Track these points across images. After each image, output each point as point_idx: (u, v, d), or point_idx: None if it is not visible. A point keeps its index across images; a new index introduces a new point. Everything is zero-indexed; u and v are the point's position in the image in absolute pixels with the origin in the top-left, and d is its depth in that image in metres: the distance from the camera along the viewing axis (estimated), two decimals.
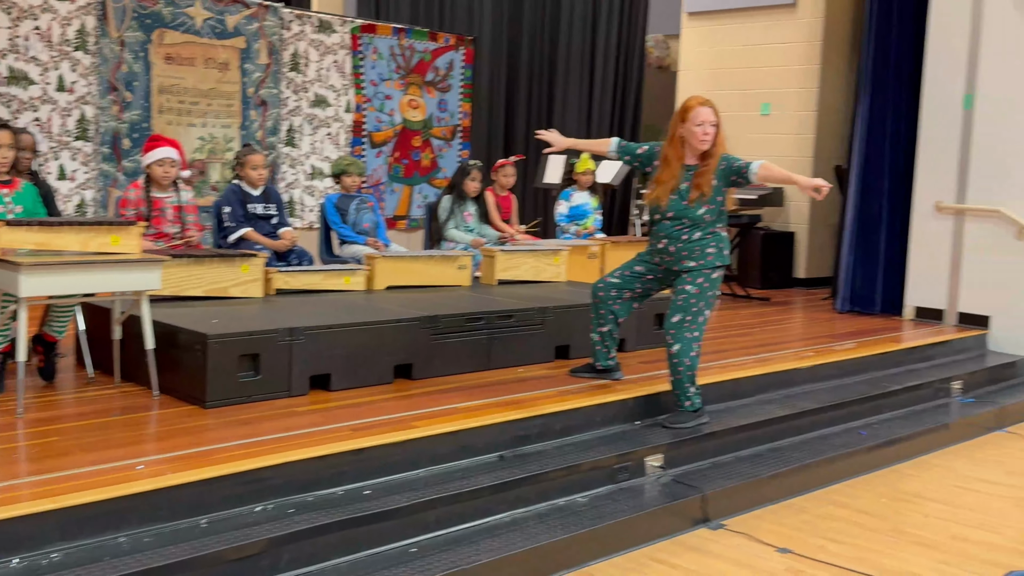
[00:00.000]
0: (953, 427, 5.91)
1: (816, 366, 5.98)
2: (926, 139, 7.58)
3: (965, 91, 7.34)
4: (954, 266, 7.50)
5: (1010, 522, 4.59)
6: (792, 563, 4.00)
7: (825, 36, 9.25)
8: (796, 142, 9.42)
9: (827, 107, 9.37)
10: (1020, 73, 7.04)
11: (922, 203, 7.62)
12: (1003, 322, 7.26)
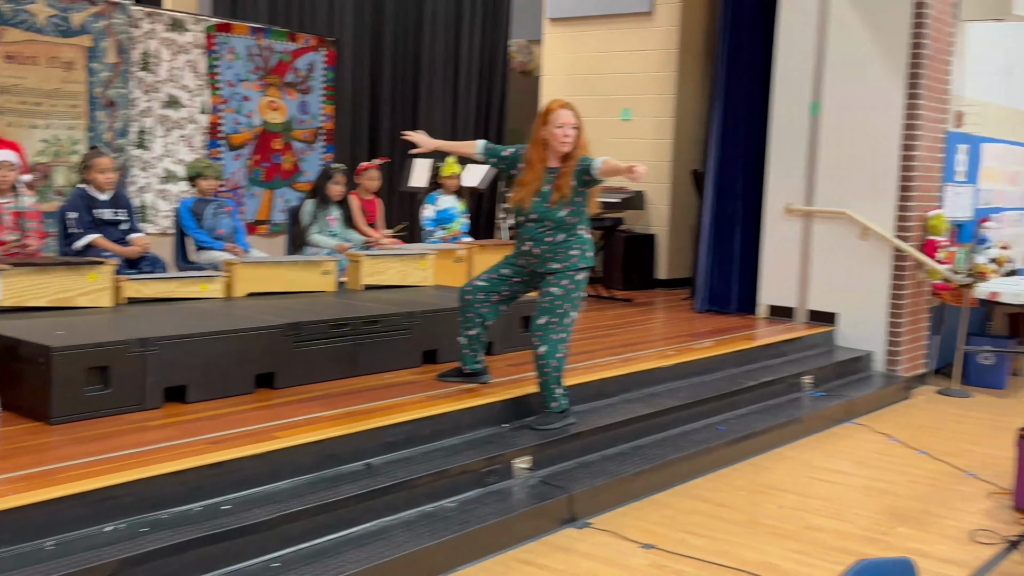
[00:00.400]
0: (805, 420, 6.17)
1: (677, 365, 6.14)
2: (776, 144, 7.90)
3: (812, 98, 7.69)
4: (804, 266, 7.84)
5: (859, 510, 4.82)
6: (656, 558, 4.08)
7: (681, 44, 9.53)
8: (655, 147, 9.67)
9: (684, 113, 9.65)
10: (862, 81, 7.42)
11: (773, 206, 7.93)
12: (849, 318, 7.63)
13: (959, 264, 7.56)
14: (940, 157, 7.61)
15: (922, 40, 7.15)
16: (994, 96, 8.65)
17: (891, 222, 7.38)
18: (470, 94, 10.58)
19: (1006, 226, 8.81)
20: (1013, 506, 4.90)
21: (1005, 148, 8.77)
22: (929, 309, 7.77)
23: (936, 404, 7.25)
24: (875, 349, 7.51)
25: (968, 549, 4.35)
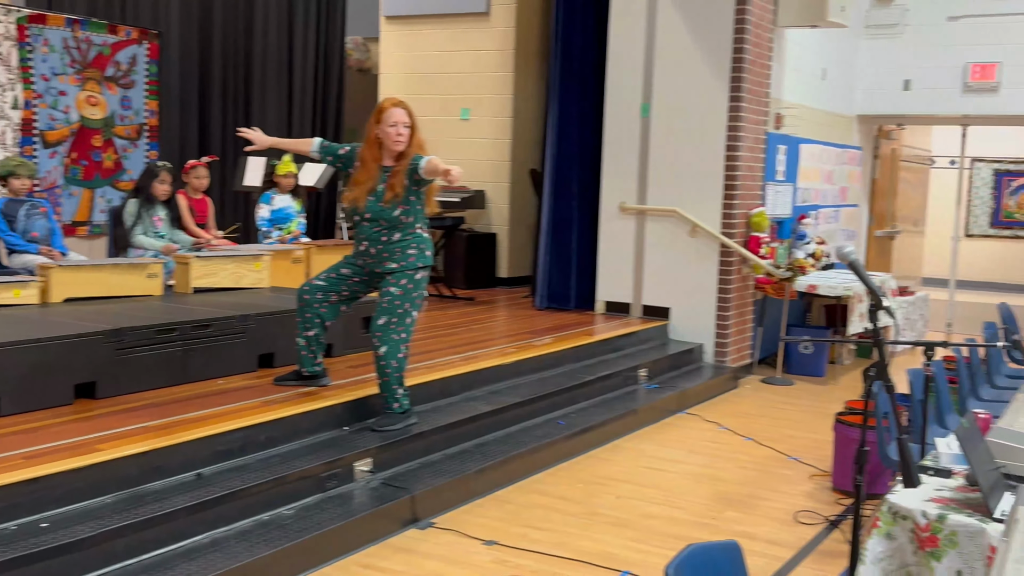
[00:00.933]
0: (641, 412, 6.36)
1: (518, 362, 6.20)
2: (610, 145, 8.10)
3: (642, 100, 7.93)
4: (638, 263, 8.08)
5: (691, 497, 5.00)
6: (498, 554, 4.10)
7: (517, 45, 9.64)
8: (494, 146, 9.74)
9: (522, 113, 9.76)
10: (689, 84, 7.71)
11: (608, 204, 8.14)
12: (681, 312, 7.92)
13: (780, 259, 7.97)
14: (761, 157, 8.00)
15: (743, 45, 7.49)
16: (810, 99, 9.16)
17: (718, 219, 7.70)
18: (306, 91, 10.35)
19: (822, 222, 9.36)
20: (832, 487, 5.20)
21: (821, 148, 9.31)
22: (753, 302, 8.16)
23: (761, 392, 7.62)
24: (705, 341, 7.82)
25: (792, 530, 4.58)
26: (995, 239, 15.10)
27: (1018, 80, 9.66)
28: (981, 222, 15.23)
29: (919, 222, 12.55)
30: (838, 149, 9.77)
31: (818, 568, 4.11)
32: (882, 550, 2.86)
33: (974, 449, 2.83)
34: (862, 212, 10.68)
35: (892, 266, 11.17)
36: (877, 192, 10.90)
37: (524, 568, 3.95)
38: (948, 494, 2.91)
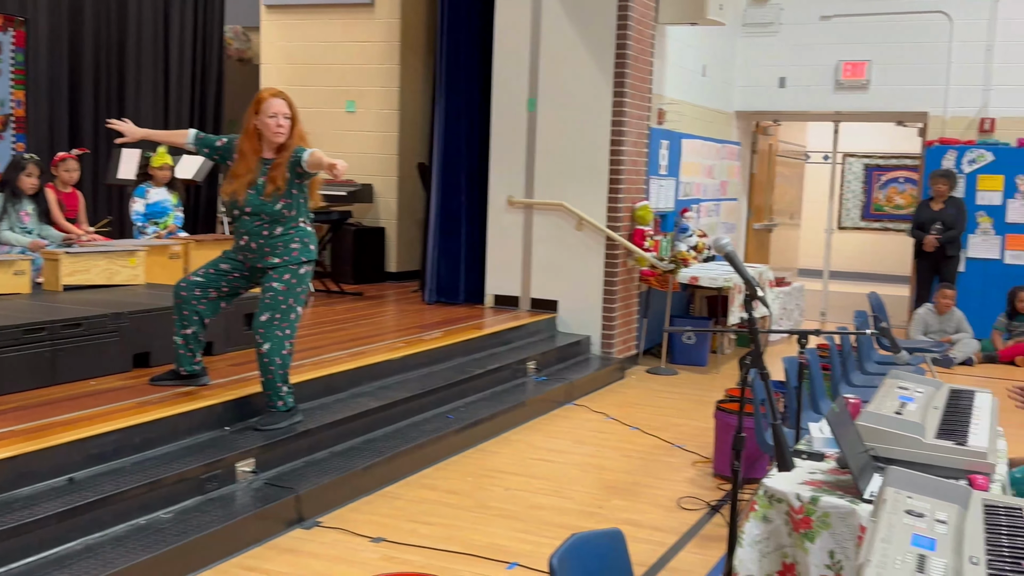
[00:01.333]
0: (529, 404, 6.40)
1: (407, 356, 6.15)
2: (497, 139, 8.11)
3: (529, 94, 7.97)
4: (526, 256, 8.12)
5: (578, 487, 5.06)
6: (386, 551, 4.06)
7: (402, 37, 9.56)
8: (381, 139, 9.64)
9: (409, 106, 9.69)
10: (574, 79, 7.79)
11: (496, 198, 8.15)
12: (568, 305, 8.00)
13: (663, 252, 8.13)
14: (645, 152, 8.15)
15: (626, 41, 7.61)
16: (691, 95, 9.38)
17: (603, 213, 7.80)
18: (183, 82, 10.02)
19: (704, 216, 9.60)
20: (714, 473, 5.34)
21: (702, 144, 9.54)
22: (638, 294, 8.31)
23: (646, 382, 7.77)
24: (592, 333, 7.92)
25: (676, 515, 4.68)
26: (866, 231, 15.79)
27: (886, 78, 10.11)
28: (853, 215, 15.89)
29: (795, 215, 13.01)
30: (718, 144, 10.03)
31: (700, 552, 4.21)
32: (759, 533, 2.95)
33: (844, 433, 2.94)
34: (741, 206, 11.00)
35: (770, 258, 11.55)
36: (755, 186, 11.24)
37: (412, 564, 3.93)
38: (821, 477, 3.02)
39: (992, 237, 9.64)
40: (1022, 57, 9.55)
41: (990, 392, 3.79)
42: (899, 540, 2.09)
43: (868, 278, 14.47)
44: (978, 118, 9.76)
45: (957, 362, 8.77)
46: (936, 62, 9.88)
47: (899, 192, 15.52)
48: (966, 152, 9.67)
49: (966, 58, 9.76)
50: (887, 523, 2.19)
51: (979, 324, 9.24)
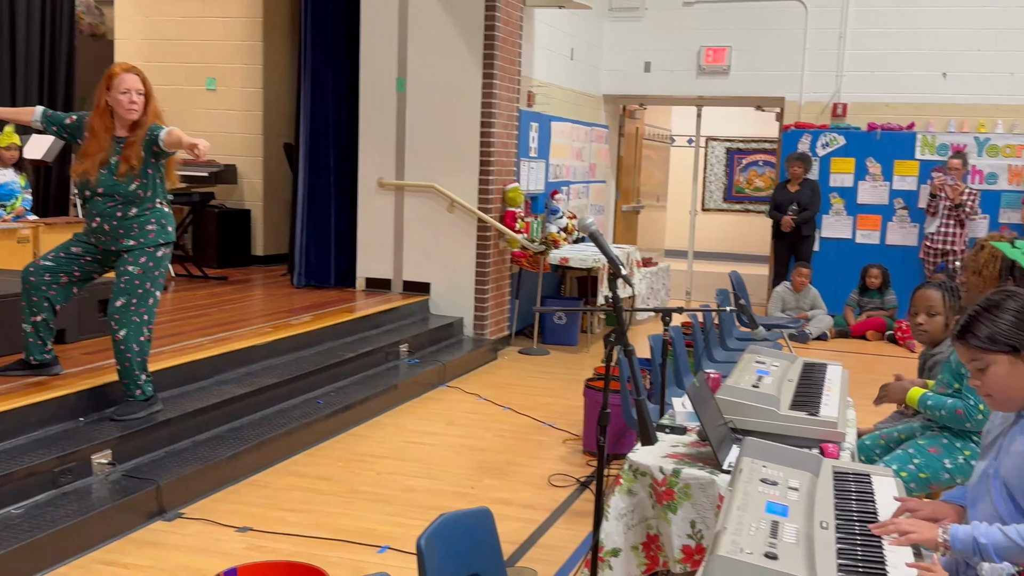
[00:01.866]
0: (402, 387, 6.36)
1: (274, 341, 6.01)
2: (366, 119, 8.00)
3: (398, 74, 7.88)
4: (398, 238, 8.05)
5: (450, 468, 5.06)
6: (253, 540, 3.97)
7: (265, 13, 9.29)
8: (245, 119, 9.36)
9: (274, 85, 9.43)
10: (443, 60, 7.74)
11: (366, 180, 8.04)
12: (441, 287, 7.98)
13: (534, 233, 8.21)
14: (515, 134, 8.18)
15: (495, 23, 7.61)
16: (559, 78, 9.47)
17: (475, 195, 7.81)
18: (31, 58, 9.47)
19: (573, 198, 9.73)
20: (583, 449, 5.43)
21: (571, 126, 9.65)
22: (510, 276, 8.36)
23: (519, 363, 7.83)
24: (465, 315, 7.93)
25: (547, 493, 4.74)
26: (728, 213, 16.33)
27: (746, 64, 10.45)
28: (716, 197, 16.41)
29: (661, 197, 13.34)
30: (587, 127, 10.17)
31: (569, 528, 4.28)
32: (624, 506, 3.01)
33: (704, 407, 3.03)
34: (610, 188, 11.20)
35: (638, 239, 11.82)
36: (623, 169, 11.46)
37: (280, 552, 3.85)
38: (683, 450, 3.11)
39: (844, 218, 10.12)
40: (872, 45, 10.03)
41: (841, 365, 3.98)
42: (754, 508, 2.16)
43: (731, 258, 14.99)
44: (831, 103, 10.21)
45: (812, 337, 9.18)
46: (792, 49, 10.27)
47: (759, 175, 16.11)
48: (820, 136, 10.10)
49: (820, 45, 10.18)
50: (743, 492, 2.27)
51: (833, 301, 9.70)
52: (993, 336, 2.30)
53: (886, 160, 9.93)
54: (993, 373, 2.30)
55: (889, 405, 3.96)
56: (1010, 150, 9.60)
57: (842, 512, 2.31)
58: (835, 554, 2.04)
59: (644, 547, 3.04)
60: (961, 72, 9.77)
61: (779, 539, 1.99)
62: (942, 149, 9.71)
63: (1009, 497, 2.27)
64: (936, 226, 9.39)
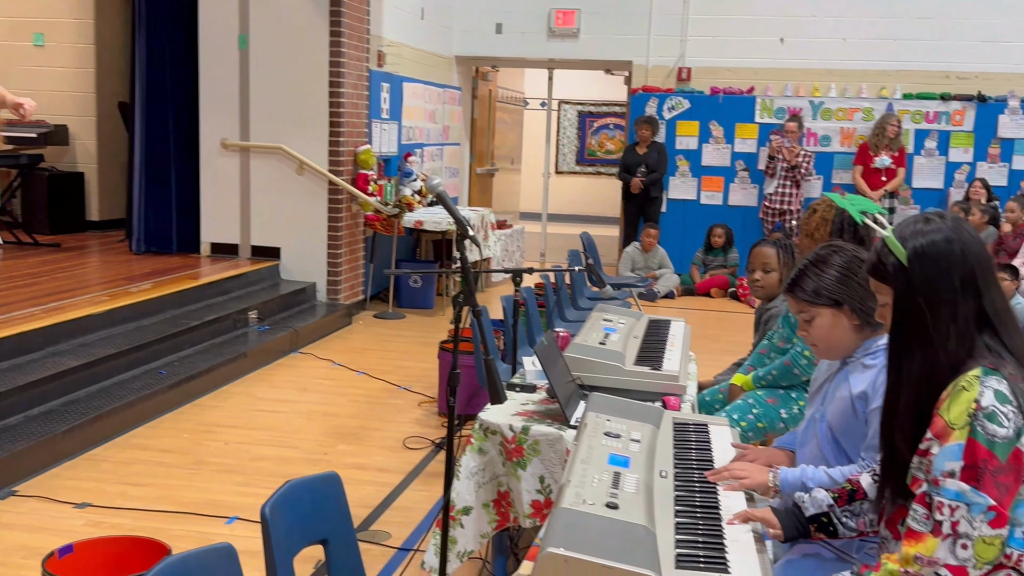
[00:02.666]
0: (251, 355, 6.19)
1: (112, 310, 5.74)
2: (207, 78, 7.67)
3: (240, 31, 7.58)
4: (244, 202, 7.80)
5: (302, 435, 4.98)
6: (93, 516, 3.80)
7: None
8: (76, 76, 8.82)
9: (106, 40, 8.92)
10: (288, 17, 7.49)
11: (208, 141, 7.74)
12: (292, 252, 7.79)
13: (388, 196, 8.10)
14: (365, 95, 8.03)
15: None
16: (410, 38, 9.34)
17: (325, 157, 7.63)
18: None
19: (427, 160, 9.65)
20: (439, 411, 5.44)
21: (423, 88, 9.55)
22: (364, 239, 8.24)
23: (374, 327, 7.76)
24: (317, 280, 7.78)
25: (402, 455, 4.73)
26: (581, 175, 16.60)
27: (595, 27, 10.57)
28: (569, 160, 16.64)
29: (515, 160, 13.42)
30: (439, 89, 10.09)
31: (424, 489, 4.29)
32: (475, 465, 3.03)
33: (553, 364, 3.07)
34: (464, 150, 11.17)
35: (493, 201, 11.85)
36: (477, 131, 11.45)
37: (122, 527, 3.70)
38: (532, 407, 3.15)
39: (690, 179, 10.44)
40: (715, 10, 10.32)
41: (684, 321, 4.11)
42: (597, 460, 2.21)
43: (584, 220, 15.25)
44: (676, 68, 10.47)
45: (660, 295, 9.47)
46: (639, 13, 10.45)
47: (609, 138, 16.42)
48: (666, 100, 10.35)
49: (665, 10, 10.40)
50: (587, 445, 2.32)
51: (679, 260, 10.03)
52: (818, 290, 2.41)
53: (728, 123, 10.29)
54: (818, 325, 2.42)
55: (727, 357, 4.13)
56: (842, 113, 10.10)
57: (681, 461, 2.40)
58: (673, 501, 2.12)
59: (495, 504, 3.08)
60: (797, 38, 10.18)
61: (620, 489, 2.04)
62: (780, 113, 10.13)
63: (834, 440, 2.40)
64: (774, 187, 9.81)
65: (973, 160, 9.92)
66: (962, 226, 1.89)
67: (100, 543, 2.85)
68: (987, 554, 1.73)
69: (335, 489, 2.49)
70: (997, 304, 1.86)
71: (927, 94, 9.92)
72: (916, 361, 1.87)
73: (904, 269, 1.88)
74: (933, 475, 1.77)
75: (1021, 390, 1.78)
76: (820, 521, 2.12)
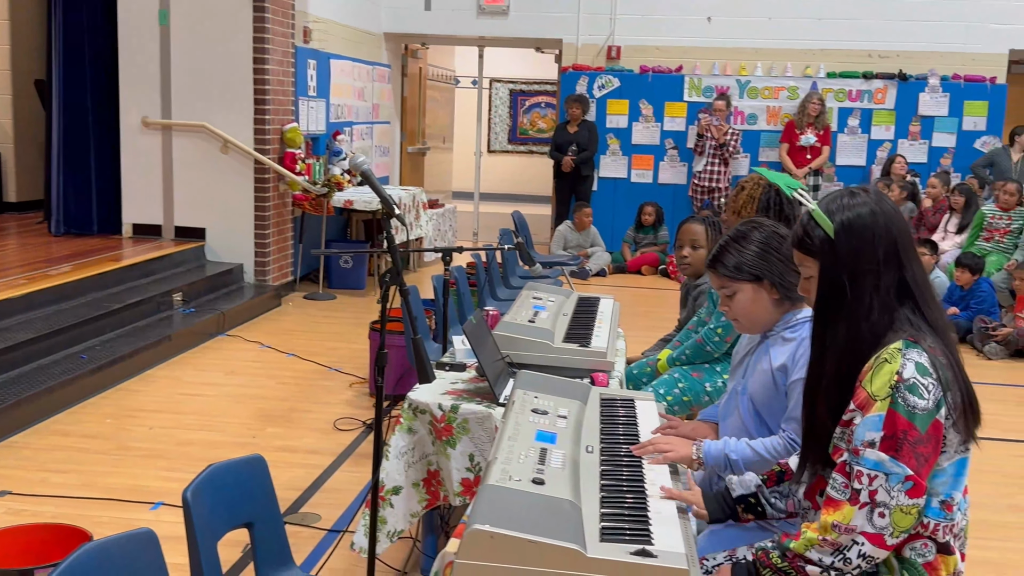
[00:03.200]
0: (176, 338, 6.07)
1: (30, 294, 5.57)
2: (126, 54, 7.45)
3: (160, 6, 7.37)
4: (167, 182, 7.62)
5: (229, 418, 4.90)
6: (12, 504, 3.70)
7: None
8: None
9: (20, 15, 8.61)
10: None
11: (129, 119, 7.52)
12: (218, 232, 7.64)
13: (316, 175, 7.99)
14: (291, 72, 7.89)
15: None
16: (337, 14, 9.19)
17: (250, 135, 7.49)
18: None
19: (357, 139, 9.54)
20: (370, 392, 5.41)
21: (351, 65, 9.42)
22: (292, 219, 8.12)
23: (304, 308, 7.67)
24: (244, 261, 7.65)
25: (332, 437, 4.69)
26: (513, 154, 16.59)
27: (524, 4, 10.53)
28: (501, 139, 16.61)
29: (447, 139, 13.34)
30: (368, 66, 9.96)
31: (354, 470, 4.26)
32: (404, 444, 3.01)
33: (481, 343, 3.07)
34: (394, 129, 11.07)
35: (424, 181, 11.78)
36: (407, 110, 11.35)
37: (43, 515, 3.60)
38: (462, 386, 3.14)
39: (620, 158, 10.50)
40: None
41: (613, 298, 4.13)
42: (524, 437, 2.22)
43: (516, 199, 15.26)
44: (606, 46, 10.50)
45: (592, 273, 9.53)
46: None
47: (541, 116, 16.43)
48: (596, 78, 10.38)
49: None
50: (514, 422, 2.32)
51: (610, 238, 10.09)
52: (739, 265, 2.45)
53: (657, 102, 10.36)
54: (739, 300, 2.46)
55: (657, 333, 4.17)
56: (768, 92, 10.25)
57: (607, 436, 2.41)
58: (599, 476, 2.13)
59: (425, 483, 3.07)
60: (724, 17, 10.28)
61: (547, 465, 2.05)
62: (708, 91, 10.24)
63: (755, 412, 2.44)
64: (703, 165, 9.93)
65: (895, 138, 10.16)
66: (884, 200, 1.93)
67: (19, 531, 2.78)
68: (903, 523, 1.78)
69: (260, 472, 2.45)
70: (918, 277, 1.90)
71: (850, 72, 10.12)
72: (840, 332, 1.91)
73: (831, 242, 1.92)
74: (854, 445, 1.81)
75: (940, 363, 1.82)
76: (748, 502, 2.14)
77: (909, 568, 1.85)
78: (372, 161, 9.88)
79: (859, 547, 1.79)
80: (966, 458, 1.87)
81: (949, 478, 1.84)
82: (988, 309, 7.27)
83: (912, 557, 1.85)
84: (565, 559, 1.71)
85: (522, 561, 1.72)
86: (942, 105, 10.06)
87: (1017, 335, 6.86)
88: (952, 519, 1.85)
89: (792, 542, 1.86)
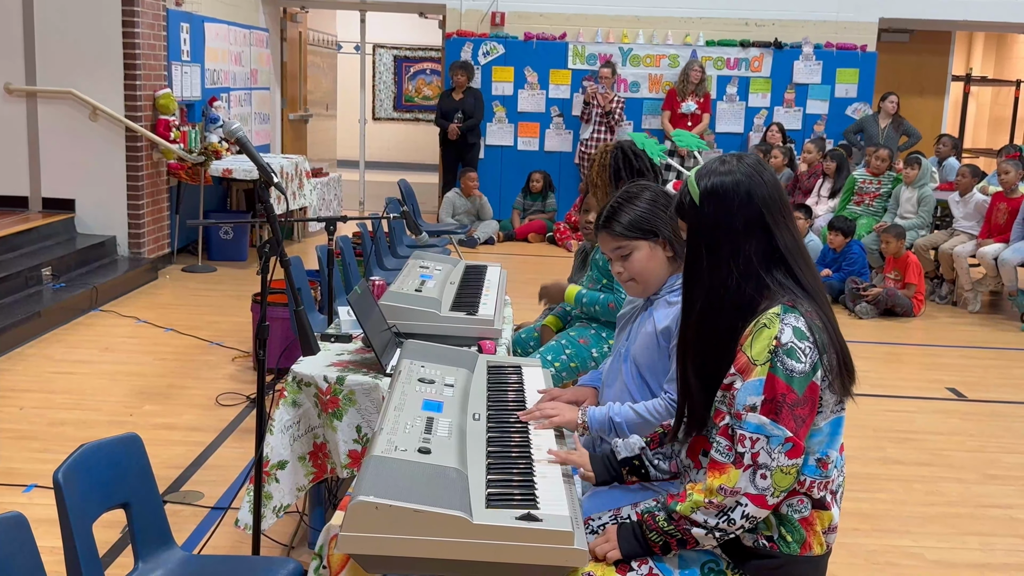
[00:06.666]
0: (46, 314, 5.80)
1: None
2: None
3: None
4: (33, 151, 7.24)
5: (106, 397, 4.72)
6: None
7: None
8: None
9: None
10: None
11: None
12: (88, 204, 7.31)
13: (192, 143, 7.72)
14: (163, 36, 7.57)
15: None
16: None
17: (120, 102, 7.17)
18: None
19: (235, 106, 9.24)
20: (253, 366, 5.28)
21: (227, 28, 9.10)
22: (168, 189, 7.84)
23: (183, 281, 7.43)
24: (118, 233, 7.35)
25: (214, 413, 4.57)
26: (399, 122, 16.38)
27: None
28: (386, 106, 16.37)
29: (330, 106, 13.07)
30: (245, 30, 9.64)
31: (238, 446, 4.16)
32: (289, 418, 2.95)
33: (367, 313, 3.02)
34: (274, 95, 10.76)
35: (308, 149, 11.52)
36: (288, 76, 11.05)
37: None
38: (348, 357, 3.09)
39: (506, 126, 10.48)
40: None
41: (500, 266, 4.13)
42: (411, 406, 2.20)
43: (403, 167, 15.10)
44: (490, 12, 10.43)
45: (480, 241, 9.52)
46: None
47: (427, 83, 16.25)
48: (481, 44, 10.32)
49: None
50: (400, 392, 2.30)
51: (498, 206, 10.10)
52: (634, 223, 2.47)
53: (542, 69, 10.37)
54: (636, 259, 2.47)
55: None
56: (650, 60, 10.38)
57: (494, 403, 2.42)
58: (485, 443, 2.13)
59: (311, 456, 3.02)
60: None
61: (433, 434, 2.04)
62: (591, 59, 10.30)
63: (639, 376, 2.48)
64: (589, 132, 10.01)
65: (771, 105, 10.45)
66: (759, 168, 1.95)
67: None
68: (784, 483, 1.83)
69: (135, 450, 2.37)
70: (789, 243, 1.93)
71: (728, 40, 10.33)
72: (696, 296, 1.94)
73: (697, 207, 1.95)
74: (736, 409, 1.85)
75: (817, 326, 1.87)
76: (632, 464, 2.17)
77: (786, 524, 1.91)
78: (251, 128, 9.61)
79: (743, 508, 1.83)
80: (841, 417, 1.94)
81: (825, 437, 1.91)
82: (859, 270, 7.59)
83: (789, 513, 1.91)
84: (451, 527, 1.71)
85: (408, 531, 1.70)
86: (815, 73, 10.39)
87: (886, 295, 7.19)
88: (828, 476, 1.92)
89: (678, 504, 1.90)
